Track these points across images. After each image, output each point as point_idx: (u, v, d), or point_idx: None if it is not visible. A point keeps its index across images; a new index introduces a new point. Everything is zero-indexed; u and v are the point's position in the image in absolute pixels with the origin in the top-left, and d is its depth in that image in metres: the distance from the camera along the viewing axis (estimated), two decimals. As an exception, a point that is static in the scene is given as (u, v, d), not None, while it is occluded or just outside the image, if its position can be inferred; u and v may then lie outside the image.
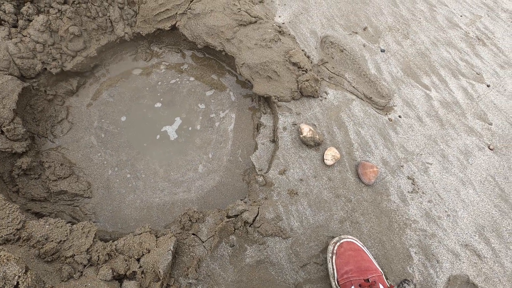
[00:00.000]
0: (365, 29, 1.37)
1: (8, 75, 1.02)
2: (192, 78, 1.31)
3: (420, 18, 1.44)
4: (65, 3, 1.14)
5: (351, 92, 1.18)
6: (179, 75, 1.31)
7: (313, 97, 1.14)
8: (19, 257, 0.65)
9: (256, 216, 0.88)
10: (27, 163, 0.95)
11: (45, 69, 1.12)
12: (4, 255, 0.64)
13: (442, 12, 1.48)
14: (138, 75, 1.30)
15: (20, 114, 1.02)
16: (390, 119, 1.12)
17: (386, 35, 1.37)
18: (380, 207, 0.94)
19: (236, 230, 0.86)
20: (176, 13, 1.25)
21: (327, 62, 1.25)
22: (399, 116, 1.13)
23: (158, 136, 1.16)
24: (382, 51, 1.31)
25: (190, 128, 1.18)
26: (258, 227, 0.87)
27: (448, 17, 1.46)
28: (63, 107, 1.17)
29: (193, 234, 0.87)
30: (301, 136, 1.00)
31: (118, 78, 1.29)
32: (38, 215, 0.92)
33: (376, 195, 0.96)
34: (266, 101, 1.20)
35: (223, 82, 1.32)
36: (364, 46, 1.31)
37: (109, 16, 1.22)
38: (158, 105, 1.24)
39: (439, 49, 1.34)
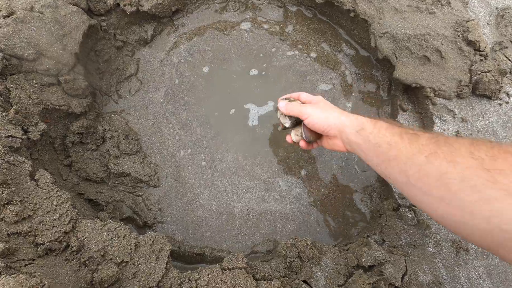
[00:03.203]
0: None
1: (73, 5, 0.75)
2: (313, 54, 0.95)
3: None
4: None
5: (547, 99, 0.77)
6: (280, 41, 0.97)
7: (488, 97, 0.75)
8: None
9: (404, 275, 0.57)
10: (85, 126, 0.71)
11: (118, 5, 0.85)
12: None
13: None
14: (226, 31, 0.99)
15: (83, 61, 0.76)
16: None
17: None
18: None
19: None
20: (295, -52, 0.88)
21: (507, 47, 0.84)
22: None
23: (232, 110, 0.86)
24: None
25: (279, 128, 0.86)
26: (408, 295, 0.55)
27: None
28: (133, 59, 0.91)
29: (304, 281, 0.58)
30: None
31: (201, 31, 0.99)
32: (92, 204, 0.69)
33: None
34: (408, 93, 0.83)
35: (338, 57, 0.96)
36: None
37: None
38: (254, 72, 0.93)
39: None
